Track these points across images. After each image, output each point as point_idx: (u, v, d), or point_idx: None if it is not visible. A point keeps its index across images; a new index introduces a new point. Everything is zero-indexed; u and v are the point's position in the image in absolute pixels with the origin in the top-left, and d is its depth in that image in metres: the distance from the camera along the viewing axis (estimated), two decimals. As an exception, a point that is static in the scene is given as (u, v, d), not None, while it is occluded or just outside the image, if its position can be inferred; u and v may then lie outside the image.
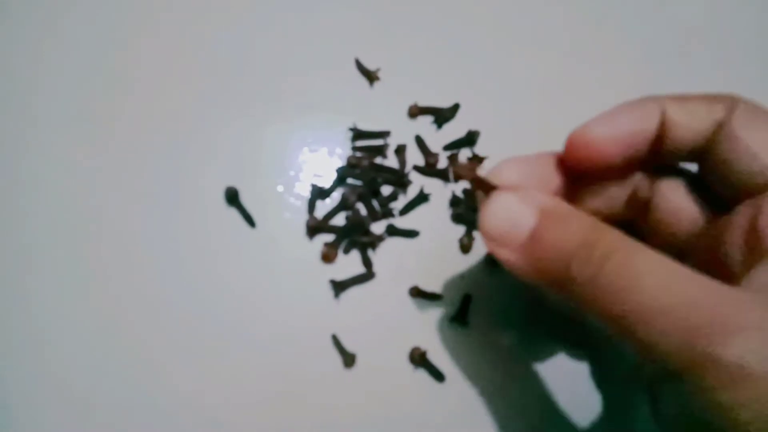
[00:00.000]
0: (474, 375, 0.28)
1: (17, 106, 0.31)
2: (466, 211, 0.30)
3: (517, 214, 0.19)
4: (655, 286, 0.16)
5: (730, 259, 0.19)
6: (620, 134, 0.21)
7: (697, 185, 0.22)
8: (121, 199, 0.30)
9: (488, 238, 0.20)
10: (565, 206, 0.19)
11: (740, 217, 0.19)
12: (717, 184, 0.21)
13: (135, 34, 0.33)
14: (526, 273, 0.19)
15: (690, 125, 0.20)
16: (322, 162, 0.31)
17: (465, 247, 0.30)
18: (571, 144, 0.21)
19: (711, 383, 0.15)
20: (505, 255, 0.20)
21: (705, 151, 0.21)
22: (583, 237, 0.18)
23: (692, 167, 0.22)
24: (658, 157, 0.22)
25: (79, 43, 0.32)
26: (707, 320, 0.15)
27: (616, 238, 0.18)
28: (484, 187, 0.21)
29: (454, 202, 0.31)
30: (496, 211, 0.20)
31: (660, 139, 0.21)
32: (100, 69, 0.32)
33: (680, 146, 0.21)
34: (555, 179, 0.23)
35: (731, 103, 0.20)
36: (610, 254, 0.17)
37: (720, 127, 0.20)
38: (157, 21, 0.33)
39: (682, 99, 0.21)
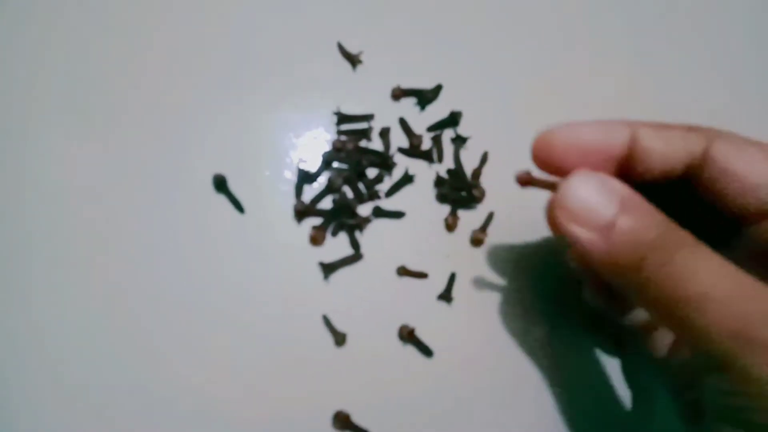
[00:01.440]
0: (461, 350, 0.29)
1: (7, 93, 0.31)
2: (450, 191, 0.31)
3: (599, 198, 0.20)
4: (715, 279, 0.18)
5: None
6: (580, 144, 0.22)
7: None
8: (110, 188, 0.30)
9: (566, 213, 0.21)
10: (641, 199, 0.20)
11: None
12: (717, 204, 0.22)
13: (121, 24, 0.32)
14: (597, 255, 0.20)
15: (663, 152, 0.22)
16: (308, 147, 0.31)
17: (450, 226, 0.31)
18: (536, 145, 0.23)
19: (759, 372, 0.16)
20: (580, 233, 0.20)
21: (692, 179, 0.22)
22: (660, 231, 0.19)
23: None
24: (634, 178, 0.22)
25: (70, 36, 0.32)
26: (758, 313, 0.17)
27: (685, 234, 0.19)
28: (545, 185, 0.23)
29: (439, 182, 0.31)
30: (580, 190, 0.21)
31: (632, 161, 0.22)
32: (86, 60, 0.32)
33: (654, 171, 0.22)
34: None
35: (710, 134, 0.21)
36: (680, 247, 0.19)
37: (703, 157, 0.21)
38: (141, 10, 0.33)
39: (658, 126, 0.22)
